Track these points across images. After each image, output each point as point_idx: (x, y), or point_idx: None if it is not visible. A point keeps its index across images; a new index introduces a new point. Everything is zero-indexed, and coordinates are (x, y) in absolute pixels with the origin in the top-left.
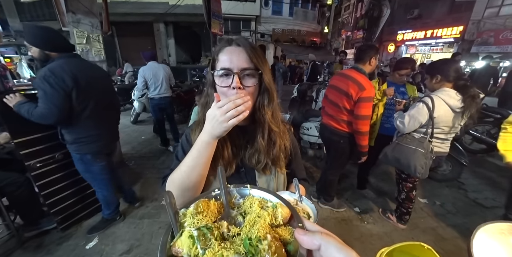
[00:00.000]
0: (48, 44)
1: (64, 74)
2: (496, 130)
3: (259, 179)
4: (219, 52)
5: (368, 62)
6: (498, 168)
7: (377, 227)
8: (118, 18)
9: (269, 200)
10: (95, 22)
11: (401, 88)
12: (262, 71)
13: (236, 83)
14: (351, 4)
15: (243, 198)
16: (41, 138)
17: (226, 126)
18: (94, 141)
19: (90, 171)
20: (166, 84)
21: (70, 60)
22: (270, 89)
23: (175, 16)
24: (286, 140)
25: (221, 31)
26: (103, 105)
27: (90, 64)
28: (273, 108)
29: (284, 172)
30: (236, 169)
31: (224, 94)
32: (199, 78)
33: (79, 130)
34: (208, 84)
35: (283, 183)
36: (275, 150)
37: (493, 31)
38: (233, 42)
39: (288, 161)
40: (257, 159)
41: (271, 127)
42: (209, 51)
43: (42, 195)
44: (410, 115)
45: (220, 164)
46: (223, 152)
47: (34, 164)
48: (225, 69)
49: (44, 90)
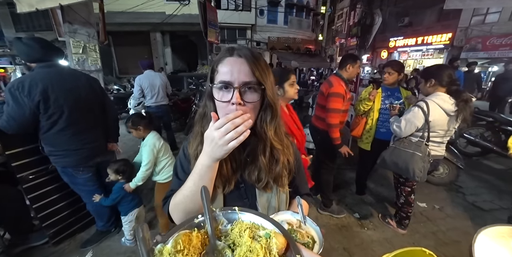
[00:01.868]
0: (24, 56)
1: (33, 86)
2: (489, 133)
3: (260, 198)
4: (218, 62)
5: (345, 69)
6: (494, 171)
7: (378, 233)
8: (115, 28)
9: (261, 226)
10: (91, 32)
11: (396, 93)
12: (265, 86)
13: (236, 98)
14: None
15: (231, 224)
16: (33, 149)
17: (226, 149)
18: (71, 155)
19: (75, 183)
20: (163, 92)
21: (47, 70)
22: (273, 105)
23: (171, 26)
24: (290, 155)
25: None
26: (81, 118)
27: (72, 75)
28: (276, 125)
29: (286, 190)
30: (236, 185)
31: (222, 109)
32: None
33: (52, 143)
34: (206, 94)
35: (285, 201)
36: (278, 168)
37: (481, 38)
38: (234, 53)
39: (292, 178)
40: (257, 176)
41: (273, 144)
42: (205, 59)
43: (33, 208)
44: (406, 119)
45: (218, 181)
46: (222, 168)
47: (26, 176)
48: (225, 82)
49: (8, 102)
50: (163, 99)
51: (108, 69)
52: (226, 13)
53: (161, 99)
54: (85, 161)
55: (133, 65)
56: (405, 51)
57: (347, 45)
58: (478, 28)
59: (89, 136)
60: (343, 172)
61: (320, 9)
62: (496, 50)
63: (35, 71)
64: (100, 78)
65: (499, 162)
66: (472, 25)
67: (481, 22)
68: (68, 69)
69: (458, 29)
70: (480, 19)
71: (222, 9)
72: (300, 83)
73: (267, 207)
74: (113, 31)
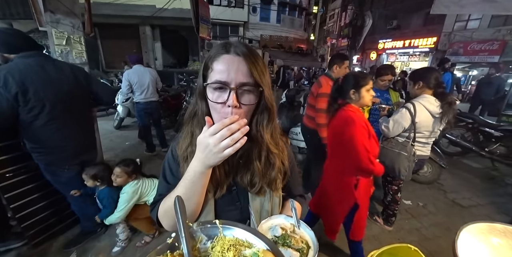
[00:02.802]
0: (2, 46)
1: (9, 77)
2: (469, 134)
3: (253, 201)
4: (213, 59)
5: (333, 69)
6: (472, 170)
7: (366, 230)
8: (101, 20)
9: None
10: (76, 23)
11: (386, 94)
12: (263, 88)
13: (233, 101)
14: (335, 13)
15: (212, 240)
16: (11, 145)
17: (221, 156)
18: (55, 152)
19: (59, 182)
20: (153, 88)
21: (26, 60)
22: (271, 108)
23: (162, 20)
24: (285, 159)
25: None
26: (66, 112)
27: (55, 66)
28: (273, 128)
29: (279, 194)
30: (228, 188)
31: (216, 111)
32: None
33: (35, 139)
34: (197, 93)
35: (278, 204)
36: (274, 173)
37: (462, 43)
38: (231, 50)
39: (286, 182)
40: (250, 180)
41: (270, 148)
42: (196, 55)
43: (11, 208)
44: (394, 120)
45: (209, 185)
46: (214, 172)
47: (3, 174)
48: (221, 83)
49: None
50: (152, 95)
51: (94, 62)
52: (218, 9)
53: (150, 95)
54: (71, 158)
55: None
56: (393, 53)
57: (338, 46)
58: (460, 33)
59: (74, 132)
60: None
61: (312, 8)
62: (476, 55)
63: (14, 61)
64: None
65: (477, 161)
66: (455, 30)
67: (463, 28)
68: (51, 60)
69: (442, 34)
70: (462, 25)
71: (215, 5)
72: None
73: (260, 211)
74: (100, 23)
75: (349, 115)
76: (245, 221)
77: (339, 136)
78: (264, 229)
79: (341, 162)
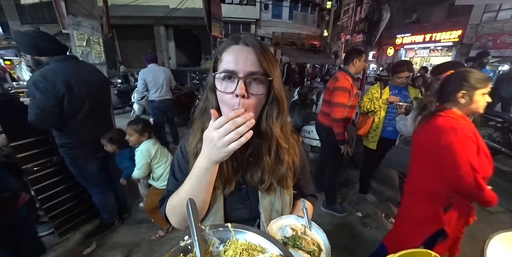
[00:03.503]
0: (35, 49)
1: (56, 79)
2: (498, 134)
3: (263, 200)
4: (223, 50)
5: (351, 64)
6: (502, 173)
7: (381, 232)
8: (118, 21)
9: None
10: (95, 25)
11: (404, 91)
12: (272, 77)
13: (241, 89)
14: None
15: (224, 244)
16: (38, 141)
17: (226, 151)
18: (84, 146)
19: (83, 175)
20: (167, 86)
21: (64, 63)
22: (280, 99)
23: (175, 20)
24: (295, 156)
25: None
26: (97, 109)
27: (86, 67)
28: (283, 121)
29: (290, 192)
30: (237, 186)
31: (225, 102)
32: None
33: (69, 134)
34: (208, 87)
35: (289, 204)
36: (283, 169)
37: (492, 35)
38: (240, 41)
39: (297, 179)
40: (260, 178)
41: (279, 143)
42: (209, 54)
43: (39, 199)
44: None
45: (217, 181)
46: (222, 168)
47: (31, 168)
48: (229, 71)
49: (34, 95)
50: (166, 93)
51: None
52: (230, 7)
53: (164, 94)
54: (95, 152)
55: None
56: (412, 48)
57: (353, 42)
58: (489, 25)
59: (102, 127)
60: (346, 170)
61: (326, 4)
62: (508, 49)
63: (51, 64)
64: (104, 71)
65: (507, 164)
66: (483, 22)
67: (492, 19)
68: (80, 62)
69: (468, 26)
70: (492, 16)
71: (227, 3)
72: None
73: (270, 210)
74: (117, 24)
75: (449, 123)
76: (255, 221)
77: (432, 146)
78: (273, 229)
79: (430, 178)
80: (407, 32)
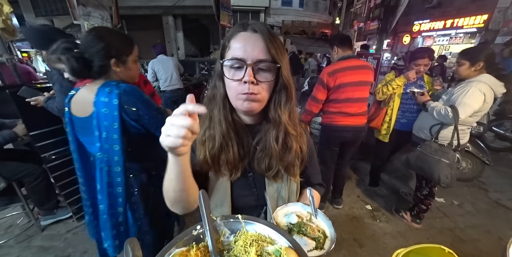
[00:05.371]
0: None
1: None
2: None
3: (269, 187)
4: (231, 37)
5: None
6: None
7: (391, 226)
8: (127, 12)
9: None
10: (105, 15)
11: (420, 81)
12: (281, 65)
13: (249, 76)
14: None
15: (235, 235)
16: (55, 130)
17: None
18: None
19: None
20: (176, 74)
21: None
22: (288, 86)
23: (183, 9)
24: (303, 144)
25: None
26: None
27: None
28: (291, 108)
29: (297, 180)
30: (243, 173)
31: (233, 89)
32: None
33: None
34: (215, 74)
35: (295, 192)
36: (290, 156)
37: None
38: (248, 27)
39: (304, 167)
40: (267, 164)
41: (288, 129)
42: (217, 44)
43: (58, 186)
44: (462, 103)
45: (224, 167)
46: (228, 153)
47: (50, 156)
48: (237, 59)
49: (61, 83)
50: (177, 81)
51: None
52: None
53: (175, 82)
54: None
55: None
56: (431, 35)
57: (366, 29)
58: None
59: None
60: (357, 163)
61: None
62: None
63: None
64: None
65: None
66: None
67: None
68: None
69: (496, 10)
70: None
71: None
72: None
73: (276, 198)
74: (126, 14)
75: None
76: (262, 208)
77: None
78: (279, 216)
79: None
80: (426, 18)
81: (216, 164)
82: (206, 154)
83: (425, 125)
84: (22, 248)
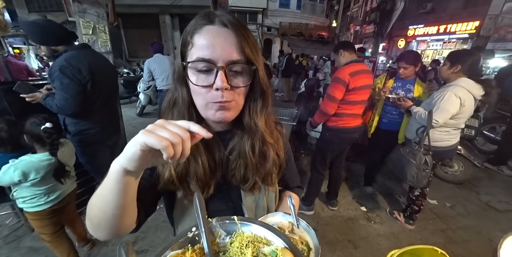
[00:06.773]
0: (51, 39)
1: (81, 65)
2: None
3: (246, 198)
4: (194, 32)
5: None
6: None
7: (385, 227)
8: (124, 10)
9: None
10: (101, 12)
11: (409, 85)
12: (257, 66)
13: (222, 82)
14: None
15: (230, 236)
16: None
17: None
18: (98, 133)
19: (93, 163)
20: None
21: (83, 51)
22: (265, 89)
23: (180, 8)
24: (280, 150)
25: None
26: (110, 97)
27: (101, 56)
28: (267, 114)
29: (276, 189)
30: (217, 187)
31: (201, 96)
32: None
33: (86, 121)
34: (176, 76)
35: (274, 200)
36: (268, 165)
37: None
38: (216, 19)
39: (282, 174)
40: (243, 175)
41: (265, 138)
42: None
43: None
44: (440, 109)
45: (195, 185)
46: (197, 169)
47: None
48: (205, 60)
49: (61, 80)
50: None
51: (118, 52)
52: None
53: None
54: (106, 140)
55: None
56: (425, 40)
57: (362, 33)
58: (510, 16)
59: (113, 116)
60: (352, 164)
61: None
62: None
63: (70, 52)
64: (110, 60)
65: None
66: (504, 12)
67: None
68: (94, 50)
69: (487, 17)
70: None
71: None
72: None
73: (255, 208)
74: (122, 12)
75: None
76: None
77: None
78: None
79: None
80: (420, 23)
81: (185, 182)
82: (171, 172)
83: (412, 128)
84: (11, 249)
